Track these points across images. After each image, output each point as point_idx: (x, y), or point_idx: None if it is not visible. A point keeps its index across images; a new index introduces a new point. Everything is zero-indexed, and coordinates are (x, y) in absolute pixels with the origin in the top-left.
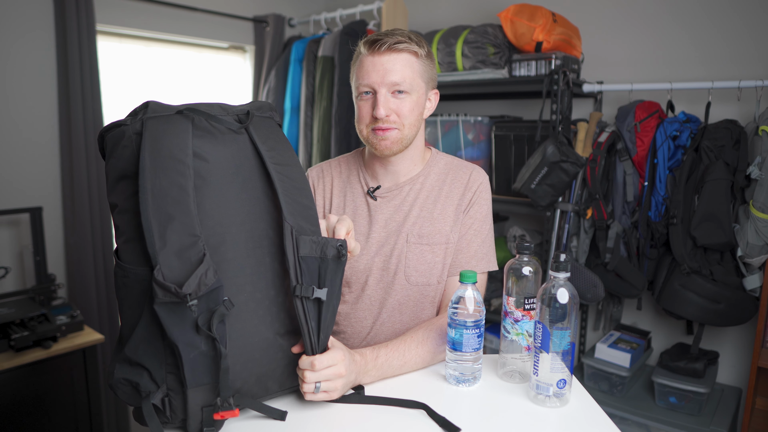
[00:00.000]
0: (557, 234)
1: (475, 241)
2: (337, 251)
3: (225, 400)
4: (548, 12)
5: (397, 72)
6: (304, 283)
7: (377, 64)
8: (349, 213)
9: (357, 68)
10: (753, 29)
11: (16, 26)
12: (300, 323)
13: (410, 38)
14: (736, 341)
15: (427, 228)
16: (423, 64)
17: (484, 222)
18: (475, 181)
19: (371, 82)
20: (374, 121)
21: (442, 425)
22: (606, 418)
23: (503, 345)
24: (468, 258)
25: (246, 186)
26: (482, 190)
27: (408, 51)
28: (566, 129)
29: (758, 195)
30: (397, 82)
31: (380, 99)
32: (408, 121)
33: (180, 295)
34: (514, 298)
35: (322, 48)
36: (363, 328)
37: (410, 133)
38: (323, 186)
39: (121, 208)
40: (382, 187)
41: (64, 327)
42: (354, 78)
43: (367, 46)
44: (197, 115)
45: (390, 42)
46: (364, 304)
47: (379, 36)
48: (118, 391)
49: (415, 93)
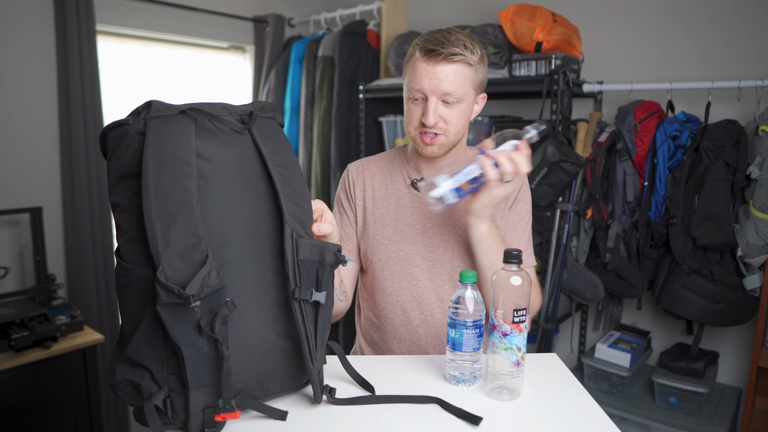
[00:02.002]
0: (557, 234)
1: (524, 236)
2: (335, 257)
3: (227, 402)
4: (548, 12)
5: (450, 82)
6: (302, 286)
7: (431, 73)
8: (393, 205)
9: (410, 70)
10: (753, 29)
11: (16, 26)
12: (297, 326)
13: (465, 46)
14: (736, 341)
15: None
16: (475, 72)
17: (528, 219)
18: (519, 179)
19: (423, 89)
20: (422, 125)
21: (460, 417)
22: (606, 418)
23: (490, 360)
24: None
25: (248, 187)
26: (525, 189)
27: (463, 62)
28: (566, 129)
29: (758, 195)
30: (449, 92)
31: (430, 107)
32: (455, 128)
33: (183, 297)
34: (503, 311)
35: (322, 48)
36: (410, 320)
37: (456, 138)
38: (363, 180)
39: (123, 207)
40: (426, 180)
41: (64, 327)
42: (406, 78)
43: (422, 53)
44: (200, 115)
45: (445, 53)
46: (405, 293)
47: (435, 45)
48: (119, 391)
49: (464, 101)
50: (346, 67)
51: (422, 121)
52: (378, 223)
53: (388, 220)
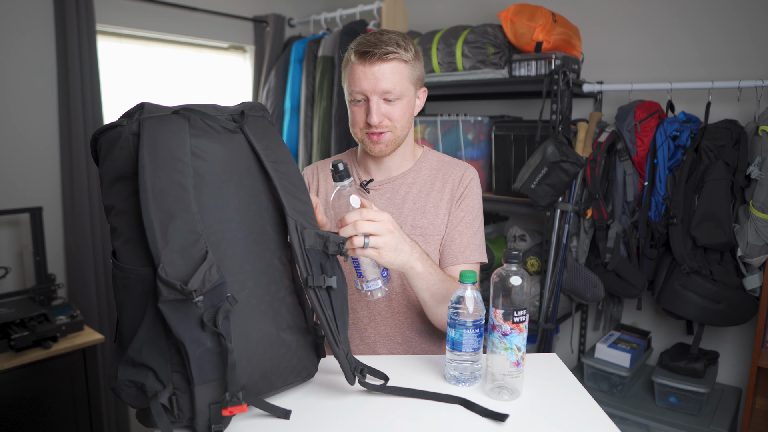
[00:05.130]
0: (557, 234)
1: (467, 232)
2: (338, 248)
3: (234, 395)
4: (548, 12)
5: (388, 80)
6: (314, 273)
7: (368, 74)
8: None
9: (348, 75)
10: (753, 29)
11: (16, 26)
12: (317, 314)
13: (398, 44)
14: (736, 341)
15: (421, 219)
16: (411, 68)
17: (476, 216)
18: (467, 177)
19: (363, 90)
20: (368, 126)
21: (485, 415)
22: (606, 418)
23: (490, 360)
24: (462, 248)
25: (243, 184)
26: (473, 186)
27: (397, 59)
28: (566, 129)
29: (758, 195)
30: (389, 90)
31: (373, 107)
32: (400, 123)
33: (185, 292)
34: (503, 311)
35: (322, 48)
36: (358, 318)
37: (403, 134)
38: (317, 182)
39: (119, 209)
40: (375, 181)
41: (64, 327)
42: (346, 83)
43: (357, 56)
44: (193, 115)
45: (379, 53)
46: (354, 293)
47: (369, 47)
48: (122, 393)
49: (405, 97)
50: None
51: (367, 121)
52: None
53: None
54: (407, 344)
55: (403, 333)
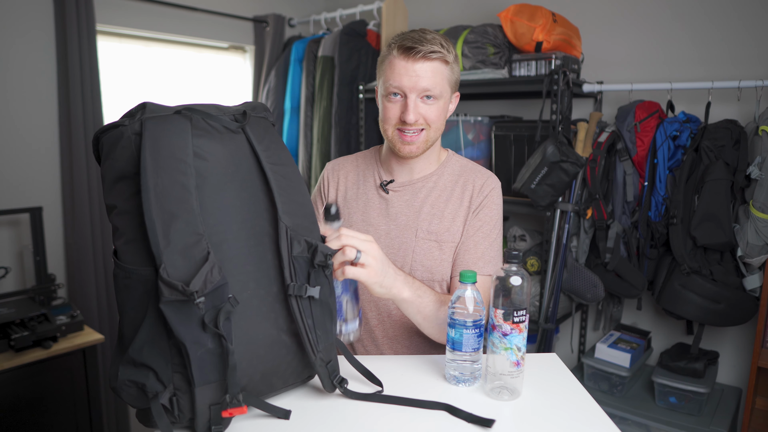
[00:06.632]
0: (557, 234)
1: (483, 243)
2: (325, 259)
3: (234, 397)
4: (548, 12)
5: (429, 79)
6: (297, 282)
7: (410, 70)
8: (361, 205)
9: (387, 68)
10: (753, 29)
11: (16, 26)
12: (296, 322)
13: (442, 45)
14: (736, 341)
15: (437, 225)
16: (451, 70)
17: (493, 227)
18: (488, 185)
19: (402, 86)
20: (402, 123)
21: (471, 421)
22: (606, 418)
23: (490, 360)
24: (475, 259)
25: (245, 184)
26: (494, 195)
27: (440, 60)
28: (566, 129)
29: (758, 195)
30: (428, 89)
31: (410, 104)
32: (435, 125)
33: (187, 293)
34: (503, 311)
35: (322, 48)
36: (368, 320)
37: (435, 136)
38: (336, 179)
39: (121, 209)
40: (396, 182)
41: (64, 327)
42: (382, 77)
43: (400, 51)
44: (195, 115)
45: (424, 51)
46: (367, 295)
47: (414, 43)
48: (123, 393)
49: (442, 98)
50: (346, 67)
51: (402, 118)
52: (345, 223)
53: (355, 220)
54: (414, 348)
55: (411, 337)
